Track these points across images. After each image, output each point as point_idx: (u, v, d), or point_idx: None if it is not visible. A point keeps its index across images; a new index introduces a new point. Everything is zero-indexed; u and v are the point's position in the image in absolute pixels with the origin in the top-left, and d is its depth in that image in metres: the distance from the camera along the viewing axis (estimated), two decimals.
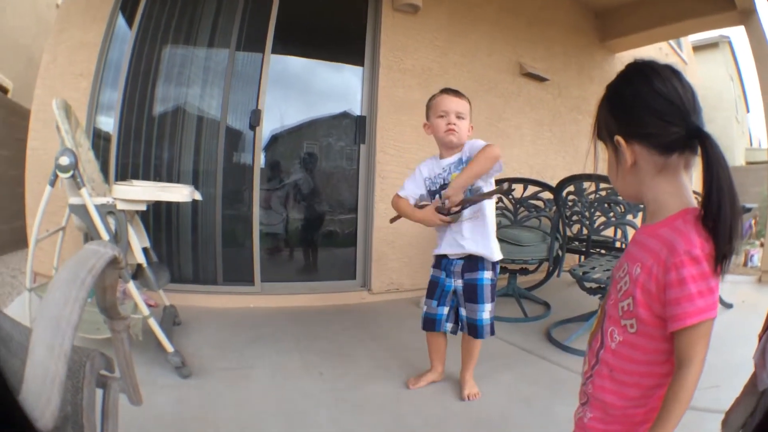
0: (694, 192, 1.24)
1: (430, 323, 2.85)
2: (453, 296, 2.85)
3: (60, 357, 0.75)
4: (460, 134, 2.73)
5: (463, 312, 2.81)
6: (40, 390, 0.73)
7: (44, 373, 0.74)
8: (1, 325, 1.17)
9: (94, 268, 0.89)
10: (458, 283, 2.81)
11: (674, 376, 1.11)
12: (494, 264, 2.80)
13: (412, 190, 2.86)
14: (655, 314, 1.13)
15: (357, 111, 4.97)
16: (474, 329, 2.76)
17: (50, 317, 0.77)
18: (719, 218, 1.05)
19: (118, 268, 1.03)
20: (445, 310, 2.84)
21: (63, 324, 0.77)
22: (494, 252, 2.76)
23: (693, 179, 1.21)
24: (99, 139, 4.31)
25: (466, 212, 2.71)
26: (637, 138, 1.17)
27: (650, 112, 1.14)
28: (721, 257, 1.05)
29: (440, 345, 2.95)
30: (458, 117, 2.71)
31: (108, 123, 4.34)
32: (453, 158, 2.78)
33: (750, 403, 1.34)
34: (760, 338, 1.34)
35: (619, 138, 1.19)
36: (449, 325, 2.87)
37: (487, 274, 2.78)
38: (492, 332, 2.79)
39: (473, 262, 2.77)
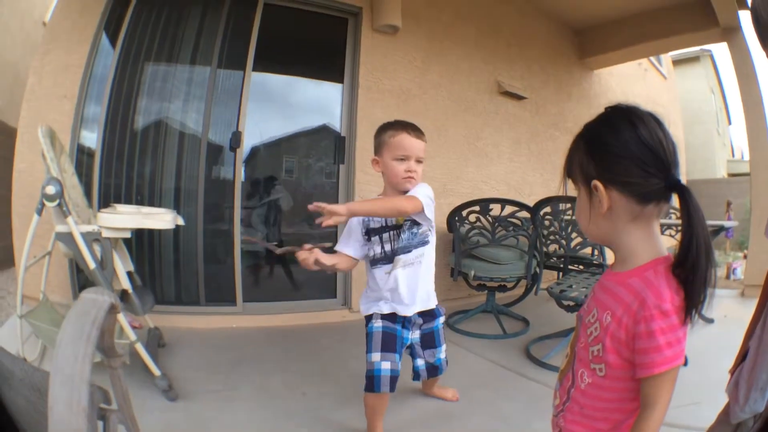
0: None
1: (394, 382, 2.46)
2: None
3: (79, 413, 0.78)
4: (418, 180, 2.50)
5: (420, 362, 2.63)
6: None
7: (66, 431, 0.77)
8: (1, 361, 1.18)
9: (97, 320, 0.92)
10: (416, 335, 2.63)
11: (639, 417, 1.13)
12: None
13: (349, 245, 2.58)
14: (624, 359, 1.15)
15: (337, 129, 5.03)
16: (435, 370, 2.67)
17: (64, 375, 0.80)
18: (696, 271, 1.06)
19: (116, 312, 1.05)
20: (400, 365, 2.53)
21: (77, 380, 0.80)
22: (435, 298, 2.68)
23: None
24: (82, 155, 4.34)
25: (404, 256, 2.50)
26: (616, 185, 1.15)
27: (634, 161, 1.12)
28: (693, 307, 1.07)
29: (386, 403, 2.59)
30: (417, 161, 2.49)
31: (92, 141, 4.36)
32: None
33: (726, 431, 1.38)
34: (732, 373, 1.37)
35: (597, 182, 1.17)
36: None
37: (441, 319, 2.71)
38: (447, 363, 2.73)
39: (429, 311, 2.65)
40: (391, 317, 2.54)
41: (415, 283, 2.52)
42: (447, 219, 4.81)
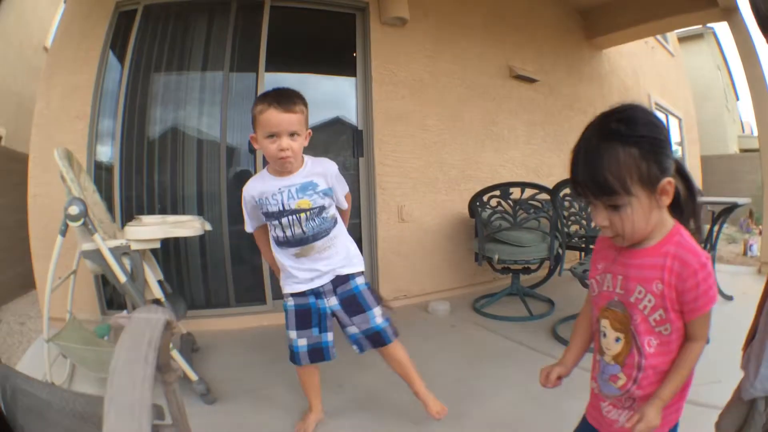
0: None
1: (319, 353, 2.55)
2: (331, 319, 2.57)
3: None
4: (296, 156, 2.32)
5: (353, 329, 2.55)
6: None
7: None
8: (37, 394, 1.15)
9: (153, 340, 0.87)
10: (333, 302, 2.52)
11: (685, 348, 1.35)
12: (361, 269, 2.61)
13: (257, 220, 2.54)
14: (678, 312, 1.32)
15: (353, 123, 5.06)
16: (378, 337, 2.55)
17: (121, 405, 0.76)
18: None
19: (172, 329, 1.00)
20: (330, 336, 2.56)
21: (136, 409, 0.75)
22: (358, 263, 2.58)
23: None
24: (101, 170, 4.38)
25: (318, 243, 2.43)
26: (667, 173, 1.27)
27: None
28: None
29: (316, 378, 2.70)
30: (291, 136, 2.27)
31: (109, 156, 4.41)
32: (294, 179, 2.38)
33: (741, 412, 1.44)
34: (744, 350, 1.46)
35: (670, 179, 1.26)
36: (334, 350, 2.59)
37: (360, 280, 2.56)
38: (396, 333, 2.60)
39: (342, 276, 2.53)
40: (302, 294, 2.50)
41: (327, 258, 2.47)
42: (468, 204, 4.85)
